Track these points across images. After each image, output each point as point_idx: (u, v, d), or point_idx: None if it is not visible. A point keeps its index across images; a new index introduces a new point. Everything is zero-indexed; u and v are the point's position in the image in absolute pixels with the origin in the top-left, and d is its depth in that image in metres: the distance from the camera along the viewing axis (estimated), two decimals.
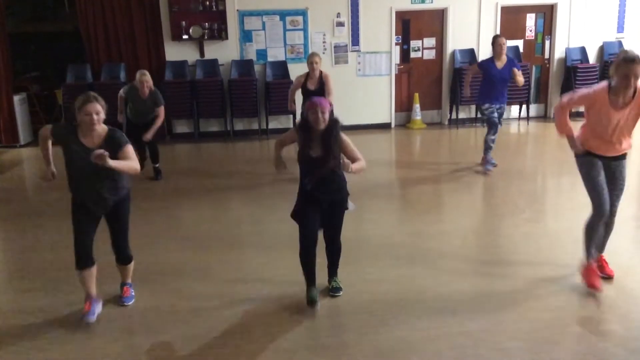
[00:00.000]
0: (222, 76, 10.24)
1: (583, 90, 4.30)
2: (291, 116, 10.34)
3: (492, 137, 7.58)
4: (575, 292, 4.34)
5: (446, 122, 11.10)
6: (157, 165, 7.83)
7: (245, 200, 6.94)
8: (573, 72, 10.77)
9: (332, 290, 4.28)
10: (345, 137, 4.02)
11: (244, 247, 5.45)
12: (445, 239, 5.45)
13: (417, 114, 10.90)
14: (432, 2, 10.52)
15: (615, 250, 4.82)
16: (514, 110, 11.28)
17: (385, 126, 10.88)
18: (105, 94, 4.17)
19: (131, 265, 4.31)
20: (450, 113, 11.08)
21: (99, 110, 3.80)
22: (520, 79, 7.40)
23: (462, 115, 11.03)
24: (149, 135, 7.31)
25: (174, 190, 7.35)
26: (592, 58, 11.02)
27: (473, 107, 10.99)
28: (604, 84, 4.15)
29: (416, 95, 10.88)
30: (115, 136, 3.89)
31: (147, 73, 7.45)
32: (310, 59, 7.37)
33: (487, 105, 7.51)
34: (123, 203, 4.07)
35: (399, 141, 10.33)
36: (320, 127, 3.92)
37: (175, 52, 10.21)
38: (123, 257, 4.22)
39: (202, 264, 5.01)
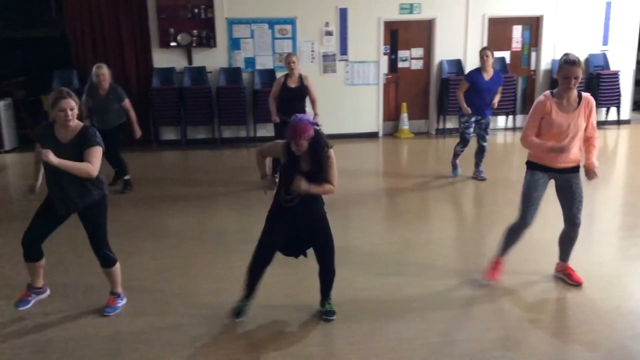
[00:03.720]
0: (210, 84, 10.23)
1: (531, 111, 4.35)
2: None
3: (460, 150, 7.84)
4: (561, 302, 4.36)
5: (433, 132, 11.16)
6: (127, 177, 7.43)
7: (233, 208, 6.91)
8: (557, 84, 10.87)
9: (326, 314, 4.09)
10: (332, 156, 3.82)
11: (230, 256, 5.42)
12: (432, 248, 5.47)
13: (405, 123, 10.95)
14: (420, 13, 10.60)
15: (601, 262, 4.86)
16: (501, 120, 11.38)
17: (372, 135, 10.91)
18: None
19: (114, 270, 4.20)
20: (438, 123, 11.14)
21: (72, 105, 3.80)
22: (497, 99, 7.58)
23: (449, 125, 11.09)
24: (138, 133, 7.11)
25: (160, 197, 7.29)
26: None
27: (459, 117, 11.03)
28: (545, 93, 4.31)
29: (404, 104, 10.93)
30: (88, 133, 3.88)
31: (103, 66, 7.00)
32: (288, 59, 7.24)
33: (465, 118, 7.56)
34: (94, 208, 4.00)
35: (386, 150, 10.35)
36: (301, 154, 3.76)
37: (163, 59, 10.18)
38: (101, 258, 4.14)
39: (186, 272, 4.97)
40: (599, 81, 10.90)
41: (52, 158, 3.63)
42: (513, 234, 4.52)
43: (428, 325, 3.99)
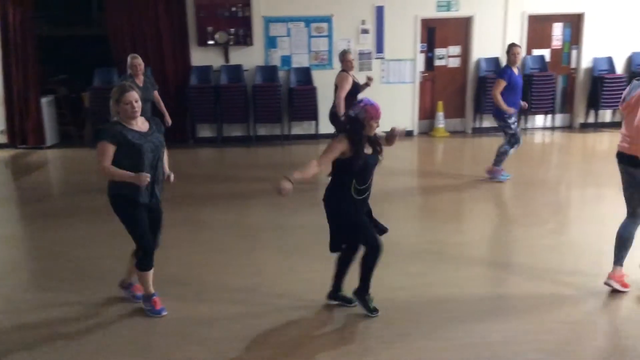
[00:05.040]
0: (246, 82, 10.31)
1: None
2: (314, 122, 10.38)
3: (515, 150, 7.50)
4: (599, 304, 4.27)
5: (469, 131, 11.03)
6: None
7: (267, 205, 6.96)
8: (600, 82, 10.63)
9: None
10: None
11: (266, 253, 5.46)
12: (466, 248, 5.40)
13: (441, 122, 10.84)
14: (457, 10, 10.47)
15: None
16: (539, 119, 11.16)
17: (407, 134, 10.84)
18: None
19: (141, 274, 4.13)
20: (474, 122, 11.00)
21: (137, 97, 3.86)
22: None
23: (485, 124, 10.94)
24: (169, 120, 7.20)
25: (197, 195, 7.39)
26: (619, 68, 10.86)
27: None
28: None
29: (440, 103, 10.82)
30: (158, 121, 4.11)
31: (138, 56, 7.14)
32: (348, 56, 7.31)
33: (509, 115, 7.31)
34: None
35: (421, 149, 10.27)
36: (371, 134, 3.90)
37: (201, 57, 10.30)
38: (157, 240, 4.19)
39: (223, 269, 5.03)
40: None
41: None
42: (629, 235, 4.30)
43: (462, 326, 3.95)
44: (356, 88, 7.26)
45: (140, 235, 3.97)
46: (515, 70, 7.32)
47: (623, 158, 4.25)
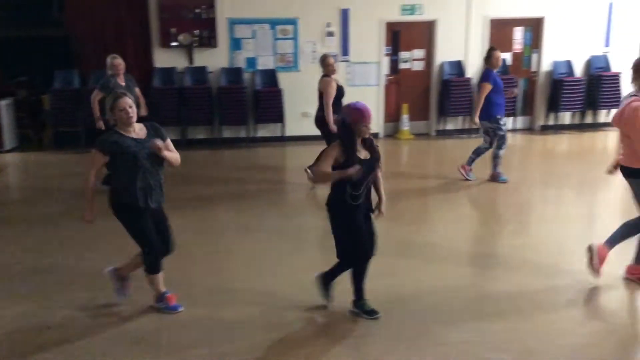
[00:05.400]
0: (211, 83, 10.23)
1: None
2: (280, 125, 10.36)
3: (503, 152, 7.58)
4: (565, 300, 4.36)
5: (434, 133, 11.15)
6: None
7: (232, 209, 6.91)
8: (559, 85, 10.88)
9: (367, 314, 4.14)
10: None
11: (230, 257, 5.42)
12: (431, 249, 5.45)
13: (406, 124, 10.94)
14: (421, 14, 10.59)
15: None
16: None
17: (373, 136, 10.87)
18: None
19: (150, 277, 4.15)
20: (438, 124, 11.14)
21: (130, 103, 3.88)
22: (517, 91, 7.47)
23: (449, 126, 11.10)
24: (144, 110, 7.16)
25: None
26: (578, 71, 11.13)
27: (460, 118, 11.06)
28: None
29: (405, 105, 10.92)
30: (157, 127, 4.03)
31: (117, 56, 7.13)
32: (329, 60, 7.31)
33: (499, 117, 7.39)
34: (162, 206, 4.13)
35: (387, 151, 10.31)
36: (364, 136, 3.88)
37: (164, 58, 10.18)
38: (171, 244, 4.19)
39: (186, 274, 4.96)
40: (600, 83, 10.89)
41: (161, 146, 3.83)
42: (633, 230, 4.50)
43: (425, 327, 3.99)
44: (340, 92, 7.28)
45: (143, 239, 3.99)
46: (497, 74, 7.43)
47: (621, 169, 4.49)
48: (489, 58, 7.41)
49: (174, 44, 10.11)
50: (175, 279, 4.50)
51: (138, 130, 3.93)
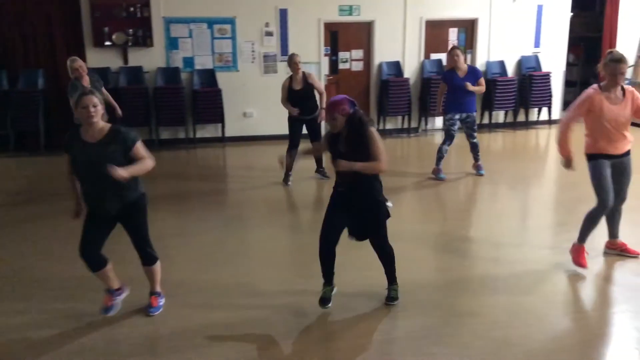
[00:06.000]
0: (147, 84, 9.99)
1: (576, 102, 4.67)
2: (220, 125, 10.23)
3: (447, 147, 7.77)
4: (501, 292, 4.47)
5: None
6: None
7: (171, 211, 6.76)
8: (493, 85, 11.20)
9: (387, 299, 4.21)
10: (374, 133, 3.95)
11: (169, 260, 5.28)
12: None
13: None
14: (359, 15, 10.68)
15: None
16: (439, 121, 11.58)
17: None
18: (24, 102, 3.99)
19: (155, 268, 4.13)
20: (378, 124, 11.26)
21: (95, 102, 3.71)
22: (477, 88, 7.60)
23: (389, 125, 11.25)
24: (119, 112, 7.15)
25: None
26: (510, 71, 11.51)
27: (399, 118, 11.23)
28: (593, 87, 4.61)
29: None
30: (122, 131, 3.79)
31: (78, 59, 6.97)
32: (293, 59, 7.37)
33: (449, 116, 7.62)
34: (133, 208, 3.90)
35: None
36: (336, 130, 3.91)
37: (98, 58, 9.84)
38: (143, 256, 4.06)
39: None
40: (531, 82, 11.29)
41: (122, 172, 3.57)
42: (594, 220, 4.71)
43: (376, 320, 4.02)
44: (293, 95, 7.38)
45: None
46: (460, 73, 7.54)
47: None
48: (448, 56, 7.73)
49: (108, 43, 9.81)
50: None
51: (96, 133, 3.74)
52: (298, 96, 7.36)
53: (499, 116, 11.70)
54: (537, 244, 5.53)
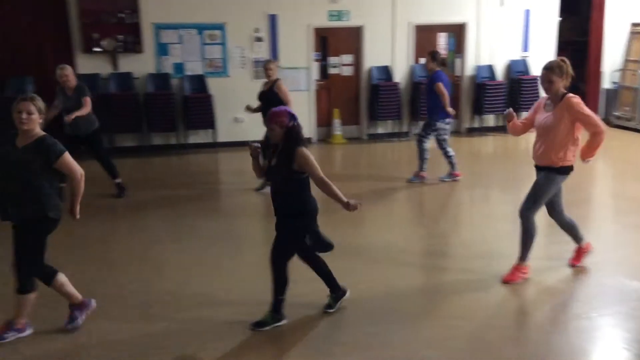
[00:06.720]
0: (137, 90, 9.95)
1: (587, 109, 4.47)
2: (211, 131, 10.22)
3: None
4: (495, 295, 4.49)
5: (365, 137, 11.30)
6: (118, 181, 7.34)
7: (163, 217, 6.73)
8: (482, 88, 11.28)
9: (258, 326, 3.99)
10: (304, 152, 3.83)
11: (163, 268, 5.27)
12: (365, 252, 5.49)
13: (338, 129, 11.03)
14: (348, 20, 10.72)
15: None
16: None
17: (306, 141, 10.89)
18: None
19: (22, 298, 3.79)
20: (369, 128, 11.29)
21: (30, 110, 3.67)
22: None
23: (380, 130, 11.27)
24: (71, 117, 6.77)
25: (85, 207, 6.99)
26: (499, 75, 11.58)
27: (390, 122, 11.26)
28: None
29: (336, 110, 11.01)
30: (47, 142, 3.70)
31: (66, 67, 6.96)
32: (264, 65, 7.52)
33: (449, 120, 7.71)
34: (27, 226, 3.69)
35: (320, 156, 10.32)
36: (275, 141, 3.86)
37: (87, 64, 9.80)
38: (17, 279, 3.77)
39: (115, 287, 4.79)
40: (520, 86, 11.36)
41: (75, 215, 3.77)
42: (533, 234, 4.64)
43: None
44: (259, 96, 7.50)
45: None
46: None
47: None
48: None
49: (97, 49, 9.77)
50: (109, 289, 4.32)
51: (25, 139, 3.70)
52: (261, 99, 7.46)
53: (490, 120, 11.76)
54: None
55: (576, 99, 4.37)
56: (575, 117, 4.33)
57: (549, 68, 4.36)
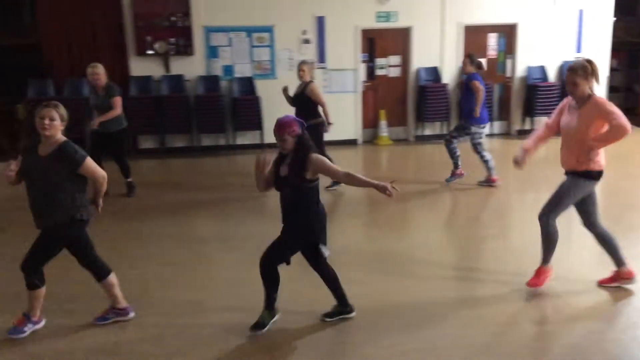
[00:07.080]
0: (188, 92, 10.17)
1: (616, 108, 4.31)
2: (258, 132, 10.34)
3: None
4: (537, 305, 4.40)
5: (412, 139, 11.22)
6: (129, 179, 7.55)
7: (212, 216, 6.85)
8: (534, 90, 11.04)
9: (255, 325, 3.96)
10: (317, 157, 3.80)
11: (212, 265, 5.37)
12: (411, 254, 5.47)
13: (384, 130, 10.99)
14: (396, 21, 10.67)
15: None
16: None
17: (352, 142, 10.93)
18: (68, 110, 4.02)
19: (32, 294, 3.91)
20: (416, 129, 11.21)
21: (53, 116, 3.74)
22: None
23: (427, 131, 11.18)
24: (96, 122, 6.91)
25: (139, 207, 7.20)
26: (552, 77, 11.31)
27: (438, 124, 11.15)
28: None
29: (382, 112, 10.98)
30: (68, 149, 3.77)
31: (98, 65, 7.00)
32: (298, 66, 7.53)
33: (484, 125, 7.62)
34: (51, 229, 3.80)
35: (366, 157, 10.37)
36: (286, 151, 3.81)
37: (140, 67, 10.09)
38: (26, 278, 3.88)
39: (170, 282, 4.91)
40: None
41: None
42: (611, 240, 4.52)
43: (404, 334, 3.99)
44: (289, 101, 7.59)
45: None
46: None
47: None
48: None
49: (150, 52, 10.03)
50: (153, 287, 4.43)
51: (47, 146, 3.78)
52: (292, 103, 7.48)
53: (541, 122, 11.46)
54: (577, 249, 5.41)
55: (603, 99, 4.28)
56: (601, 115, 4.15)
57: (572, 70, 4.20)
